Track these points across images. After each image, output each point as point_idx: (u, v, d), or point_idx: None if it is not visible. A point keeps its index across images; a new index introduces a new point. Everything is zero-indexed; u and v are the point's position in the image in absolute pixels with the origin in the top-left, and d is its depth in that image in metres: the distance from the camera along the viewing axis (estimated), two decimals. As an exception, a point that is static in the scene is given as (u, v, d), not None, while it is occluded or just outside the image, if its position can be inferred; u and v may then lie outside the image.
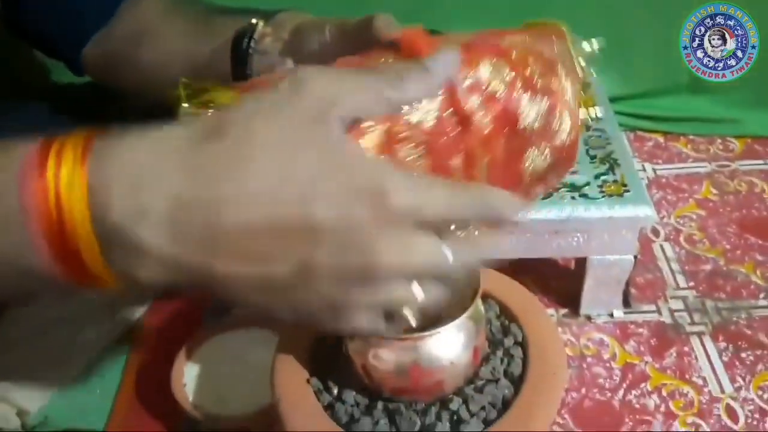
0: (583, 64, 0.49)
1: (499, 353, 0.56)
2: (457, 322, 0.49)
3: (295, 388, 0.54)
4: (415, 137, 0.38)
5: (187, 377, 0.67)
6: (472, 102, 0.41)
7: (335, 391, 0.53)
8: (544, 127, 0.44)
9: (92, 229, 0.29)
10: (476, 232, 0.37)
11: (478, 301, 0.51)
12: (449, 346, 0.50)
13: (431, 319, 0.53)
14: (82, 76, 0.71)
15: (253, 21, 0.56)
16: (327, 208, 0.29)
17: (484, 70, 0.42)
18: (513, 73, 0.43)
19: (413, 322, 0.36)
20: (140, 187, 0.29)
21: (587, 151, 0.73)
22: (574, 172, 0.70)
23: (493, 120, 0.42)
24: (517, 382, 0.53)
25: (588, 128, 0.76)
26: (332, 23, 0.52)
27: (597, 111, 0.52)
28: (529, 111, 0.43)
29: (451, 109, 0.40)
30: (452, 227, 0.35)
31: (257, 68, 0.56)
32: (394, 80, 0.33)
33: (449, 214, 0.33)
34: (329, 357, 0.56)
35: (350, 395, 0.53)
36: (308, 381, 0.54)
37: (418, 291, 0.34)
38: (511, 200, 0.36)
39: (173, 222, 0.29)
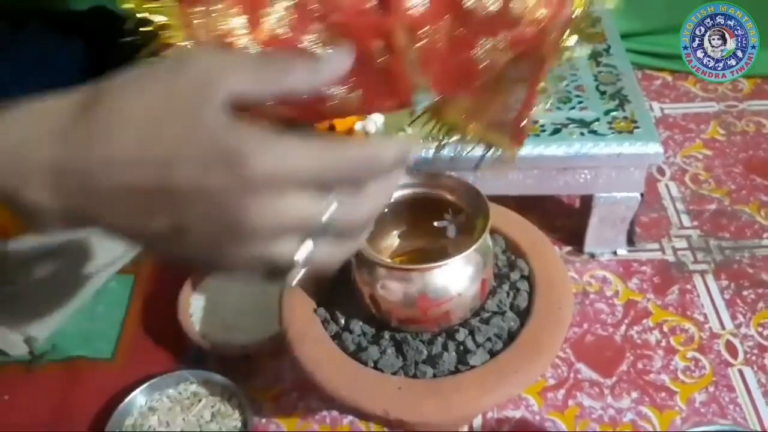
0: None
1: (506, 287, 0.56)
2: (464, 254, 0.49)
3: (303, 317, 0.55)
4: (331, 13, 0.35)
5: (194, 307, 0.68)
6: None
7: (342, 321, 0.54)
8: (502, 11, 0.37)
9: None
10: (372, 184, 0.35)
11: (486, 235, 0.51)
12: (457, 277, 0.50)
13: (438, 253, 0.53)
14: None
15: None
16: (188, 173, 0.30)
17: None
18: None
19: (296, 278, 0.35)
20: (23, 157, 0.32)
21: (597, 86, 0.71)
22: (583, 108, 0.69)
23: (432, 1, 0.36)
24: (523, 315, 0.54)
25: (598, 60, 0.75)
26: None
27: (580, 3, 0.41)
28: None
29: None
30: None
31: None
32: (280, 65, 0.33)
33: (330, 177, 0.32)
34: (337, 288, 0.56)
35: (357, 325, 0.53)
36: (315, 311, 0.55)
37: (304, 248, 0.33)
38: (406, 147, 0.34)
39: (55, 186, 0.32)
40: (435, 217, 0.56)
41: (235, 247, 0.32)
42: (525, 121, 0.45)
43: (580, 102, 0.70)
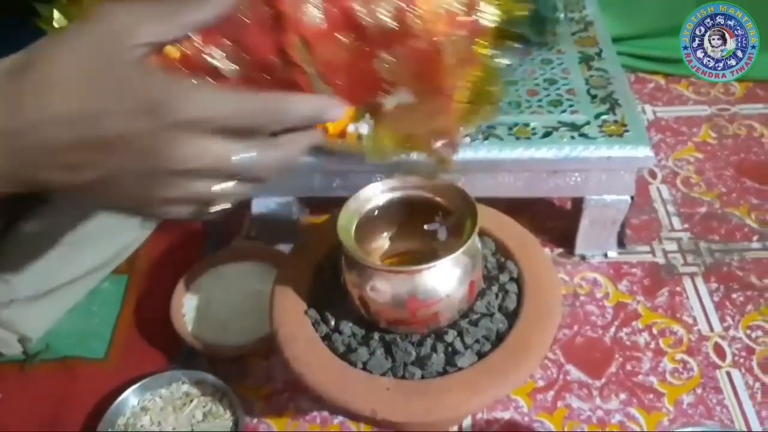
0: None
1: (495, 288, 0.56)
2: (453, 256, 0.50)
3: (293, 318, 0.55)
4: (235, 33, 0.38)
5: (187, 307, 0.68)
6: None
7: (332, 323, 0.54)
8: (397, 28, 0.39)
9: None
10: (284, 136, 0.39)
11: (475, 237, 0.52)
12: (445, 279, 0.51)
13: (428, 255, 0.54)
14: None
15: None
16: (118, 122, 0.34)
17: None
18: None
19: (219, 210, 0.40)
20: None
21: (588, 90, 0.72)
22: (574, 112, 0.69)
23: (327, 15, 0.38)
24: (512, 317, 0.54)
25: (590, 64, 0.75)
26: None
27: (494, 14, 0.41)
28: (376, 8, 0.38)
29: (267, 8, 0.37)
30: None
31: None
32: (180, 6, 0.37)
33: (242, 122, 0.36)
34: (327, 289, 0.57)
35: (347, 326, 0.54)
36: (306, 312, 0.55)
37: (222, 186, 0.38)
38: (320, 106, 0.39)
39: None
40: (425, 219, 0.56)
41: (159, 187, 0.36)
42: (452, 130, 0.46)
43: (571, 105, 0.70)
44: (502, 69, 0.44)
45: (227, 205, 0.40)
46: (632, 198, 0.70)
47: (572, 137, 0.67)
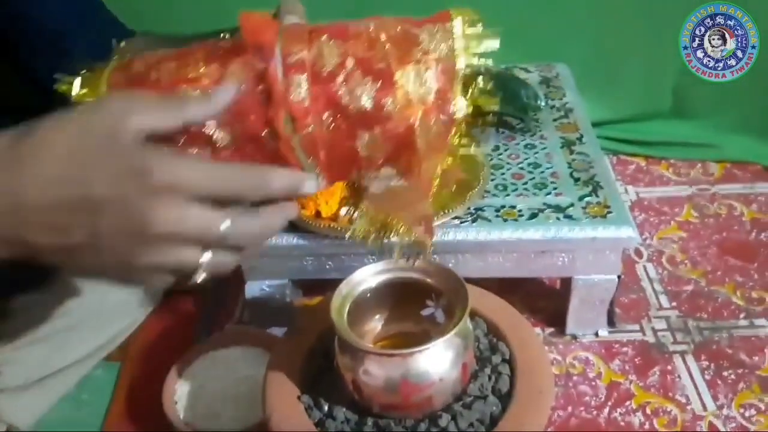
0: (477, 50, 0.46)
1: (487, 370, 0.57)
2: (445, 338, 0.50)
3: (286, 404, 0.55)
4: (221, 117, 0.41)
5: (179, 394, 0.68)
6: (290, 77, 0.42)
7: (326, 408, 0.54)
8: (375, 111, 0.43)
9: None
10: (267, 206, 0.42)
11: (467, 319, 0.53)
12: (438, 362, 0.51)
13: (420, 337, 0.54)
14: None
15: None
16: (104, 186, 0.36)
17: (315, 50, 0.43)
18: (346, 56, 0.43)
19: (202, 279, 0.41)
20: None
21: (571, 173, 0.75)
22: (558, 194, 0.72)
23: (313, 97, 0.42)
24: (505, 399, 0.54)
25: (572, 149, 0.78)
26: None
27: (464, 106, 0.46)
28: (357, 92, 0.43)
29: (261, 86, 0.42)
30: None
31: None
32: (181, 104, 0.40)
33: (217, 190, 0.38)
34: (320, 373, 0.57)
35: (340, 412, 0.54)
36: (299, 398, 0.55)
37: (204, 255, 0.39)
38: (297, 179, 0.42)
39: None
40: (416, 300, 0.57)
41: (142, 252, 0.38)
42: (429, 215, 0.49)
43: (555, 188, 0.73)
44: (476, 157, 0.48)
45: (207, 275, 0.41)
46: (619, 277, 0.71)
47: (558, 219, 0.69)
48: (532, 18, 0.95)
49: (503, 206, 0.71)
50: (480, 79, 0.47)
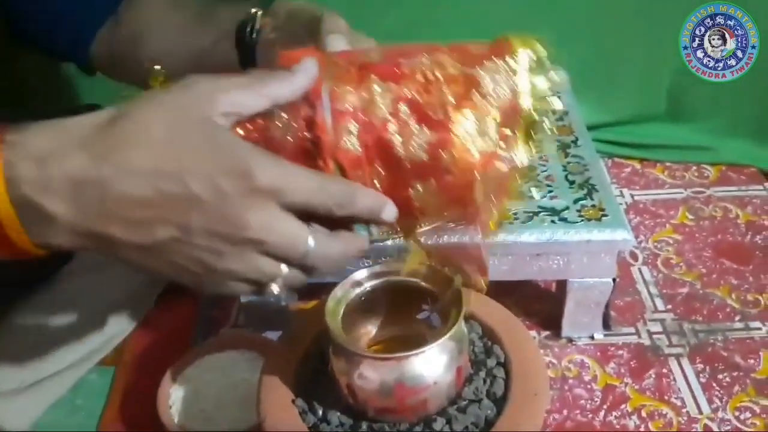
0: (540, 92, 0.42)
1: (482, 374, 0.57)
2: (440, 342, 0.50)
3: (280, 408, 0.55)
4: (275, 152, 0.39)
5: (174, 398, 0.68)
6: (339, 125, 0.39)
7: (320, 412, 0.54)
8: (431, 163, 0.40)
9: (9, 204, 0.34)
10: (344, 230, 0.41)
11: (461, 322, 0.53)
12: (433, 365, 0.51)
13: (415, 340, 0.54)
14: (93, 75, 0.72)
15: (252, 11, 0.58)
16: (201, 182, 0.35)
17: (365, 93, 0.40)
18: (399, 101, 0.40)
19: (277, 292, 0.40)
20: (45, 165, 0.34)
21: (566, 176, 0.75)
22: (554, 197, 0.72)
23: (364, 146, 0.40)
24: (500, 403, 0.54)
25: (567, 152, 0.78)
26: (311, 14, 0.53)
27: (528, 152, 0.42)
28: (411, 142, 0.40)
29: (306, 133, 0.40)
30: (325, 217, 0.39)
31: (261, 58, 0.58)
32: (263, 79, 0.39)
33: (310, 199, 0.37)
34: (315, 377, 0.56)
35: (335, 416, 0.54)
36: (293, 401, 0.55)
37: (282, 269, 0.39)
38: (379, 202, 0.41)
39: (73, 194, 0.34)
40: (411, 304, 0.57)
41: (228, 255, 0.37)
42: (483, 253, 0.48)
43: (550, 191, 0.73)
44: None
45: (280, 291, 0.40)
46: (615, 280, 0.71)
47: (553, 221, 0.69)
48: (527, 21, 0.95)
49: (498, 209, 0.71)
50: (545, 121, 0.43)
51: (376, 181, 0.41)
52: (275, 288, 0.40)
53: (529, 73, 0.41)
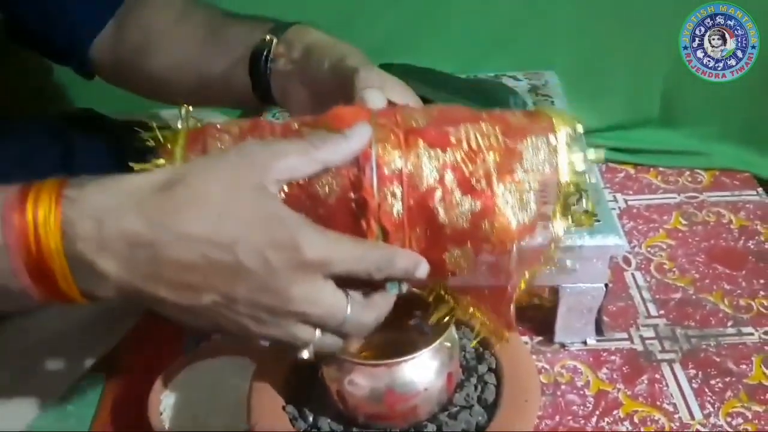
0: (578, 168, 0.45)
1: (473, 380, 0.57)
2: (431, 348, 0.50)
3: (271, 415, 0.55)
4: (318, 209, 0.41)
5: (164, 405, 0.67)
6: (385, 189, 0.41)
7: (310, 419, 0.54)
8: (471, 230, 0.42)
9: (64, 259, 0.35)
10: (377, 294, 0.42)
11: (452, 328, 0.53)
12: (423, 371, 0.51)
13: (406, 346, 0.54)
14: (92, 79, 0.71)
15: (267, 38, 0.58)
16: (250, 254, 0.36)
17: (412, 159, 0.41)
18: (445, 168, 0.41)
19: (306, 357, 0.42)
20: (102, 225, 0.35)
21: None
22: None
23: (407, 211, 0.41)
24: (491, 409, 0.54)
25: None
26: (333, 55, 0.53)
27: (565, 225, 0.45)
28: (455, 211, 0.41)
29: (351, 193, 0.41)
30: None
31: (277, 88, 0.58)
32: (317, 144, 0.40)
33: (353, 268, 0.39)
34: (305, 384, 0.56)
35: (325, 422, 0.53)
36: (284, 408, 0.55)
37: (317, 334, 0.40)
38: (414, 261, 0.42)
39: (126, 254, 0.36)
40: (402, 309, 0.57)
41: (267, 322, 0.38)
42: (510, 310, 0.49)
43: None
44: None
45: (311, 354, 0.42)
46: (607, 285, 0.71)
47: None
48: (520, 26, 0.96)
49: (491, 215, 0.70)
50: (583, 198, 0.46)
51: (414, 242, 0.42)
52: (305, 353, 0.41)
53: (568, 149, 0.44)
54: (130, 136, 0.82)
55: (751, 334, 0.75)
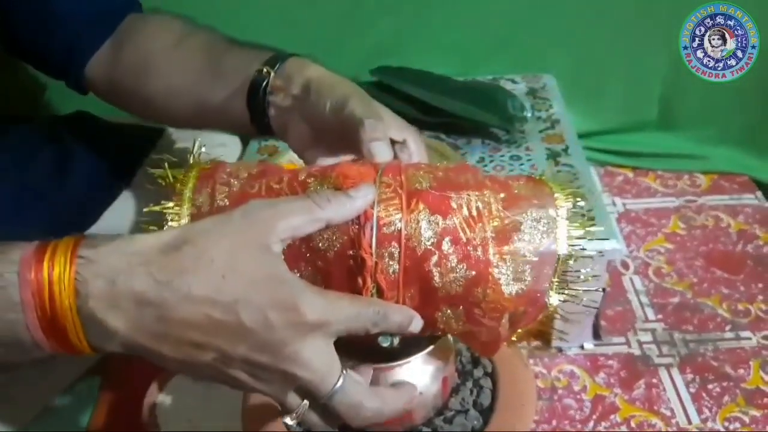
0: (578, 243, 0.45)
1: (469, 384, 0.56)
2: (426, 352, 0.50)
3: (266, 418, 0.54)
4: (317, 261, 0.42)
5: (160, 408, 0.67)
6: (383, 249, 0.41)
7: (306, 423, 0.54)
8: (464, 295, 0.43)
9: (77, 316, 0.37)
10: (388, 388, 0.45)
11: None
12: (419, 375, 0.51)
13: (401, 350, 0.54)
14: (85, 94, 0.71)
15: (264, 70, 0.58)
16: (252, 314, 0.38)
17: (412, 222, 0.42)
18: (444, 235, 0.42)
19: (290, 423, 0.44)
20: (113, 285, 0.37)
21: (557, 185, 0.74)
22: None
23: (403, 272, 0.42)
24: (486, 413, 0.54)
25: (557, 160, 0.78)
26: (334, 96, 0.54)
27: (560, 295, 0.45)
28: (449, 276, 0.42)
29: (350, 250, 0.42)
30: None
31: (276, 122, 0.59)
32: (322, 204, 0.41)
33: (350, 326, 0.40)
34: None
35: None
36: (279, 411, 0.54)
37: (303, 405, 0.41)
38: (408, 317, 0.43)
39: (134, 313, 0.37)
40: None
41: (261, 380, 0.40)
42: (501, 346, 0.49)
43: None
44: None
45: (294, 423, 0.43)
46: (605, 290, 0.71)
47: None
48: (518, 28, 0.96)
49: (488, 218, 0.70)
50: (581, 272, 0.46)
51: (408, 300, 0.43)
52: (288, 420, 0.42)
53: (568, 222, 0.45)
54: (124, 138, 0.83)
55: (749, 338, 0.75)
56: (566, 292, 0.45)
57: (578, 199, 0.46)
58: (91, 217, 0.76)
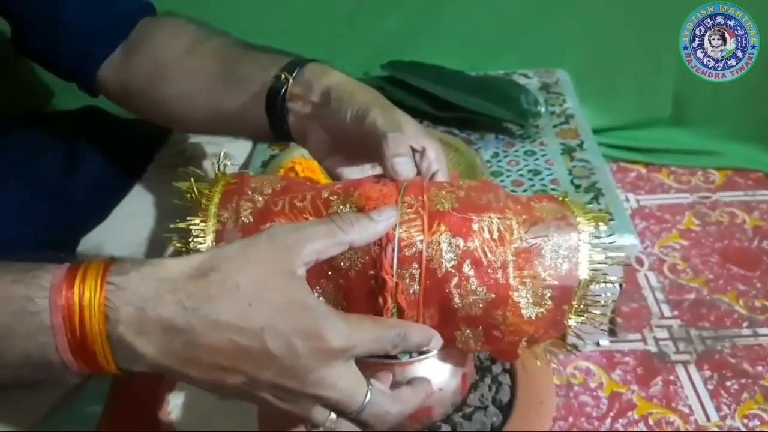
0: (600, 267, 0.44)
1: (488, 380, 0.56)
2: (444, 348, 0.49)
3: (280, 415, 0.54)
4: (338, 279, 0.43)
5: (173, 405, 0.67)
6: (404, 270, 0.42)
7: (322, 419, 0.53)
8: (483, 316, 0.43)
9: (106, 340, 0.38)
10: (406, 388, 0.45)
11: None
12: (437, 371, 0.50)
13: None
14: (96, 97, 0.71)
15: (283, 76, 0.57)
16: (277, 341, 0.38)
17: (434, 244, 0.42)
18: (465, 257, 0.42)
19: None
20: (142, 312, 0.38)
21: (572, 180, 0.74)
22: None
23: (424, 293, 0.42)
24: (506, 410, 0.53)
25: (572, 156, 0.77)
26: (355, 105, 0.53)
27: (579, 320, 0.45)
28: (469, 298, 0.42)
29: (371, 270, 0.42)
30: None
31: (296, 129, 0.58)
32: (345, 228, 0.41)
33: (372, 349, 0.41)
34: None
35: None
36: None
37: (331, 418, 0.42)
38: (428, 337, 0.44)
39: (162, 338, 0.38)
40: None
41: (287, 402, 0.40)
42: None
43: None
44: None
45: None
46: (621, 286, 0.70)
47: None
48: (532, 24, 0.95)
49: (503, 213, 0.70)
50: (601, 297, 0.46)
51: (427, 320, 0.44)
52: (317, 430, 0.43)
53: (590, 246, 0.44)
54: (135, 134, 0.82)
55: (767, 335, 0.74)
56: (586, 315, 0.45)
57: (600, 222, 0.45)
58: (102, 212, 0.76)
